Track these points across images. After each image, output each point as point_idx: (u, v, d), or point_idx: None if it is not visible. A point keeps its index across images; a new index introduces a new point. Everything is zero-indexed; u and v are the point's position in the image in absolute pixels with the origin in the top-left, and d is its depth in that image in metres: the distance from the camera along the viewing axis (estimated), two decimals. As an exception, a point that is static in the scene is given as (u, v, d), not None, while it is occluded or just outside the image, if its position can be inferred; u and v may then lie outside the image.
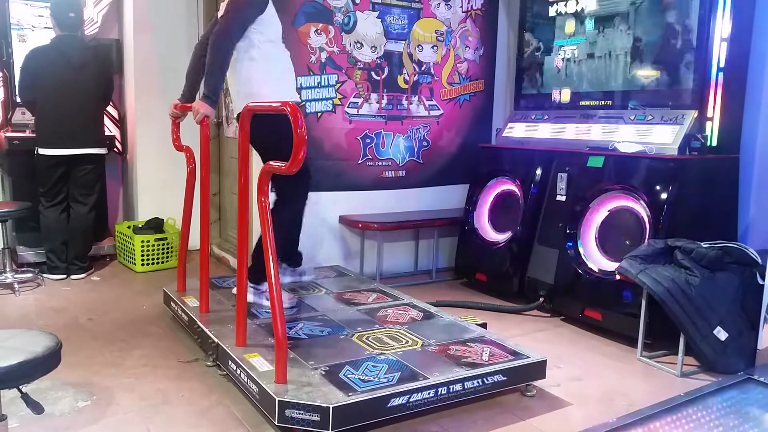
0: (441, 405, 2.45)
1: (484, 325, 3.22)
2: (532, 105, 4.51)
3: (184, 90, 3.34)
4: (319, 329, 2.97)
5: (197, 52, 3.32)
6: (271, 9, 3.10)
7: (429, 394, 2.38)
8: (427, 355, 2.69)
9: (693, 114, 3.40)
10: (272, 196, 3.09)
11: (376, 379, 2.41)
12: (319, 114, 4.24)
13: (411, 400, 2.34)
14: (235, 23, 2.97)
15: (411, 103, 4.60)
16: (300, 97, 4.10)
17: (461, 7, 4.72)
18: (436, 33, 4.65)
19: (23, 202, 4.19)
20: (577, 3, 4.11)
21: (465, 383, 2.47)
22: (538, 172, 4.00)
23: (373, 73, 4.42)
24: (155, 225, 4.72)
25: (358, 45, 4.34)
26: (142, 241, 4.55)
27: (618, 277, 3.20)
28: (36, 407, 1.95)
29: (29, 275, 4.23)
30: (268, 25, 3.11)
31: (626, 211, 3.49)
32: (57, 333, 2.08)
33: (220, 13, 3.21)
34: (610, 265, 3.44)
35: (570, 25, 4.17)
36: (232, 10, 2.98)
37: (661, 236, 3.19)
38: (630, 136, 3.62)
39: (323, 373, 2.45)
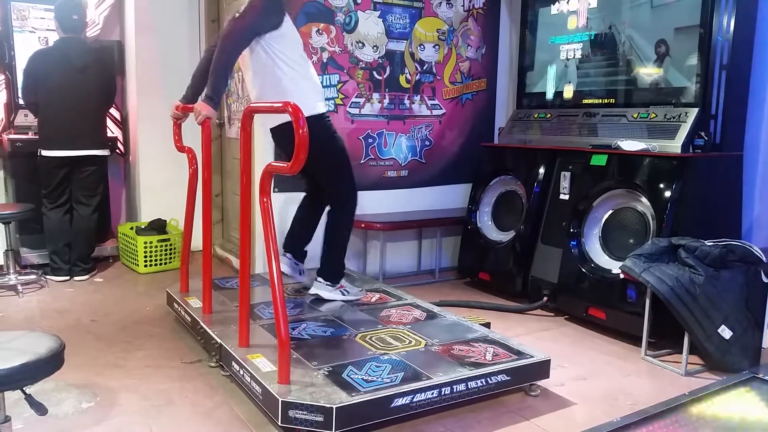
0: (444, 405, 2.44)
1: (487, 325, 3.22)
2: (534, 104, 4.50)
3: (186, 91, 3.33)
4: (322, 330, 2.97)
5: (210, 55, 3.30)
6: (289, 24, 3.10)
7: (432, 394, 2.38)
8: (431, 355, 2.68)
9: (696, 112, 3.39)
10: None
11: (380, 379, 2.40)
12: (321, 114, 4.24)
13: (414, 400, 2.33)
14: (245, 29, 2.96)
15: (413, 103, 4.59)
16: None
17: (463, 6, 4.72)
18: (437, 32, 4.64)
19: (26, 204, 4.20)
20: (579, 1, 4.10)
21: (468, 383, 2.46)
22: (541, 170, 3.99)
23: (374, 72, 4.41)
24: (158, 226, 4.72)
25: (360, 45, 4.33)
26: (145, 243, 4.55)
27: (622, 276, 3.19)
28: (40, 408, 1.95)
29: (32, 277, 4.23)
30: (293, 41, 3.12)
31: (630, 210, 3.48)
32: (60, 334, 2.08)
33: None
34: (614, 264, 3.43)
35: (572, 23, 4.16)
36: (245, 16, 2.97)
37: (664, 235, 3.18)
38: (633, 135, 3.61)
39: (326, 373, 2.45)
